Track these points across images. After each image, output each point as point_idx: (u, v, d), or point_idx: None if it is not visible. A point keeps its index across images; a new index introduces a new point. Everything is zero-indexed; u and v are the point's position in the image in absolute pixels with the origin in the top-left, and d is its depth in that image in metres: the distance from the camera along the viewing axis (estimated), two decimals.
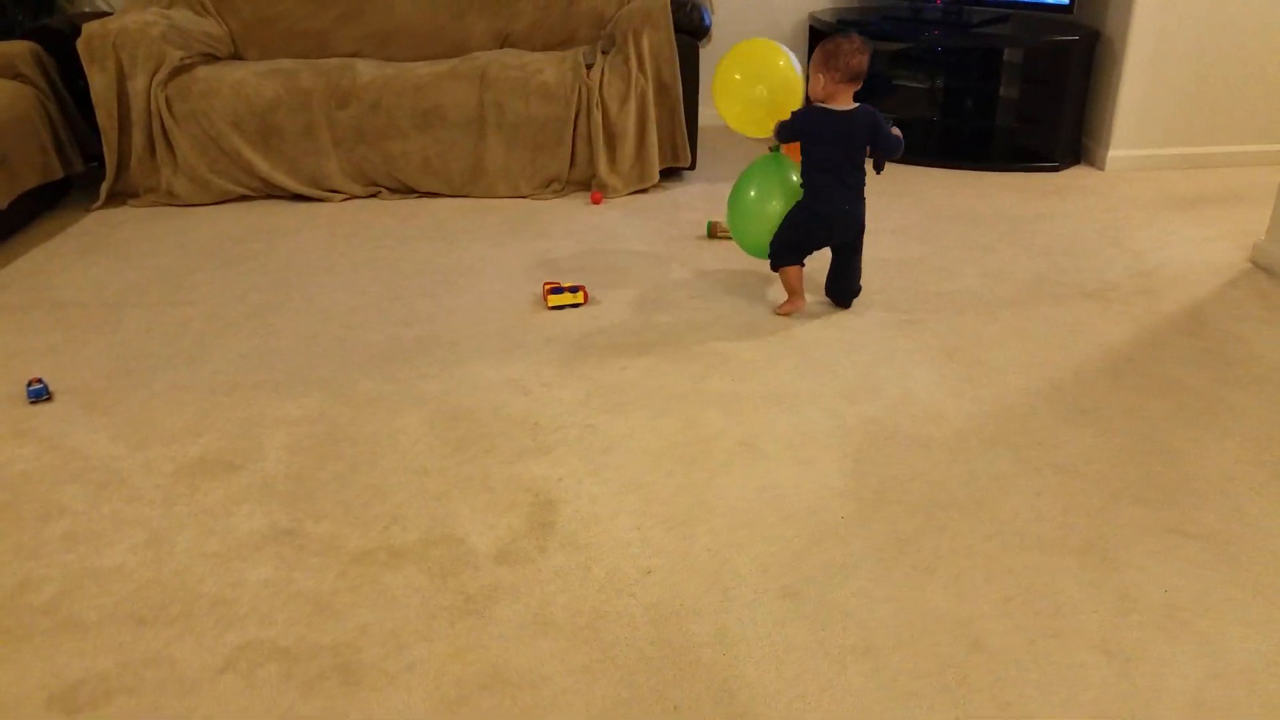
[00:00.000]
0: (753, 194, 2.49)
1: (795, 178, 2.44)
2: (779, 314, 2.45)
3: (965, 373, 2.15)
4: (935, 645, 1.41)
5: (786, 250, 2.43)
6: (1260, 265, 2.67)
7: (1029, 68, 3.56)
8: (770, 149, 2.51)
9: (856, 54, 2.27)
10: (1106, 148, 3.50)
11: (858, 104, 2.33)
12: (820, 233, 2.41)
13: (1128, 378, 2.11)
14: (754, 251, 2.54)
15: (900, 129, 2.42)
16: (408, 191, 3.39)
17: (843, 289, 2.48)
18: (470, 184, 3.35)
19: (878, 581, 1.54)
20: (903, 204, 3.23)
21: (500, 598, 1.53)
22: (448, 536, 1.67)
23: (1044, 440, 1.89)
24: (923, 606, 1.48)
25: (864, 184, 2.38)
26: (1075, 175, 3.49)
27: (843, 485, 1.78)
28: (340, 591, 1.55)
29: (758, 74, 2.44)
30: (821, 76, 2.30)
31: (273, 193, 3.37)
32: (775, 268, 2.47)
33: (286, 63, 3.38)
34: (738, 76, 2.45)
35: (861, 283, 2.49)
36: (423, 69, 3.30)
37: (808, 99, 2.41)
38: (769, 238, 2.45)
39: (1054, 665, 1.37)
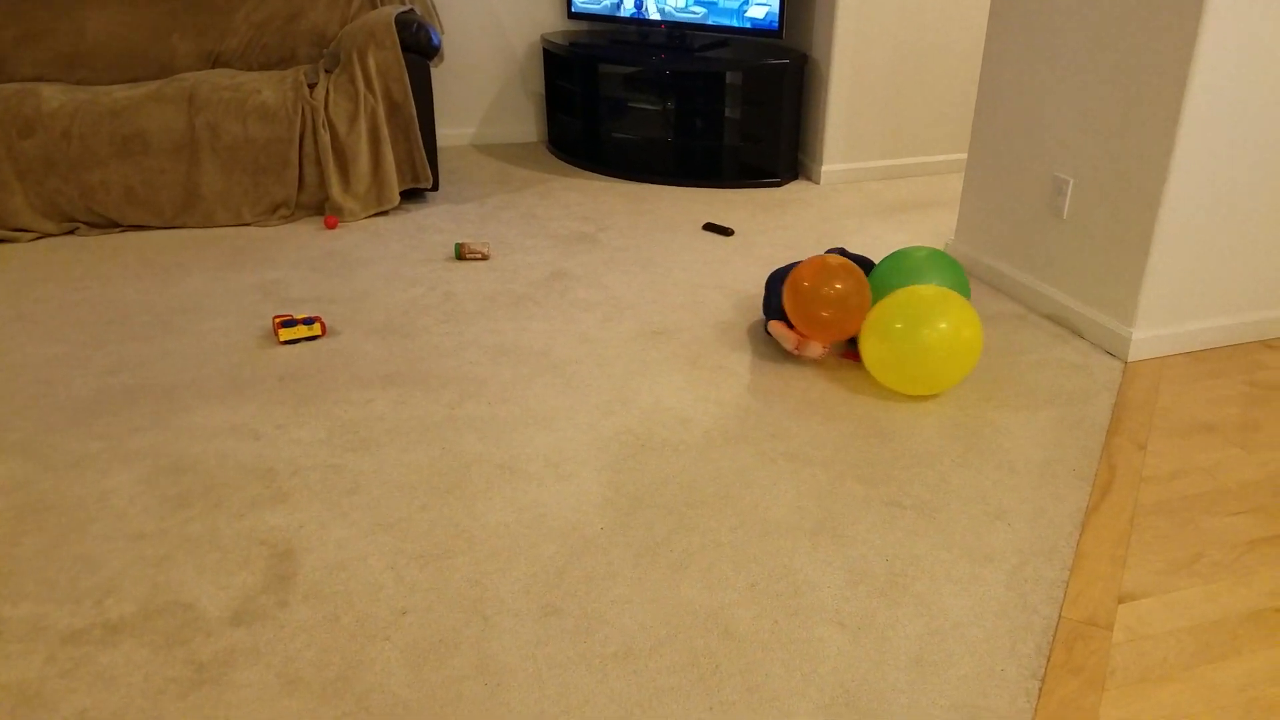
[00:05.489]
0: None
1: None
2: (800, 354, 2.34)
3: (708, 378, 2.25)
4: (690, 639, 1.46)
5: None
6: None
7: (748, 90, 3.83)
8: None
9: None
10: (820, 163, 3.83)
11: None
12: None
13: (845, 371, 2.30)
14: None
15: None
16: (110, 225, 3.07)
17: None
18: (184, 213, 3.08)
19: (636, 586, 1.57)
20: (644, 222, 3.35)
21: (237, 662, 1.40)
22: (172, 603, 1.51)
23: (778, 433, 2.02)
24: (678, 603, 1.53)
25: None
26: (795, 189, 3.78)
27: (601, 497, 1.80)
28: (49, 678, 1.36)
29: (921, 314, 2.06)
30: None
31: None
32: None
33: None
34: (899, 325, 2.06)
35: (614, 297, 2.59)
36: (120, 92, 3.01)
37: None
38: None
39: (795, 643, 1.46)
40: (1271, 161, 2.29)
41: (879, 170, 3.93)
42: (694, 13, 3.78)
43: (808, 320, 2.22)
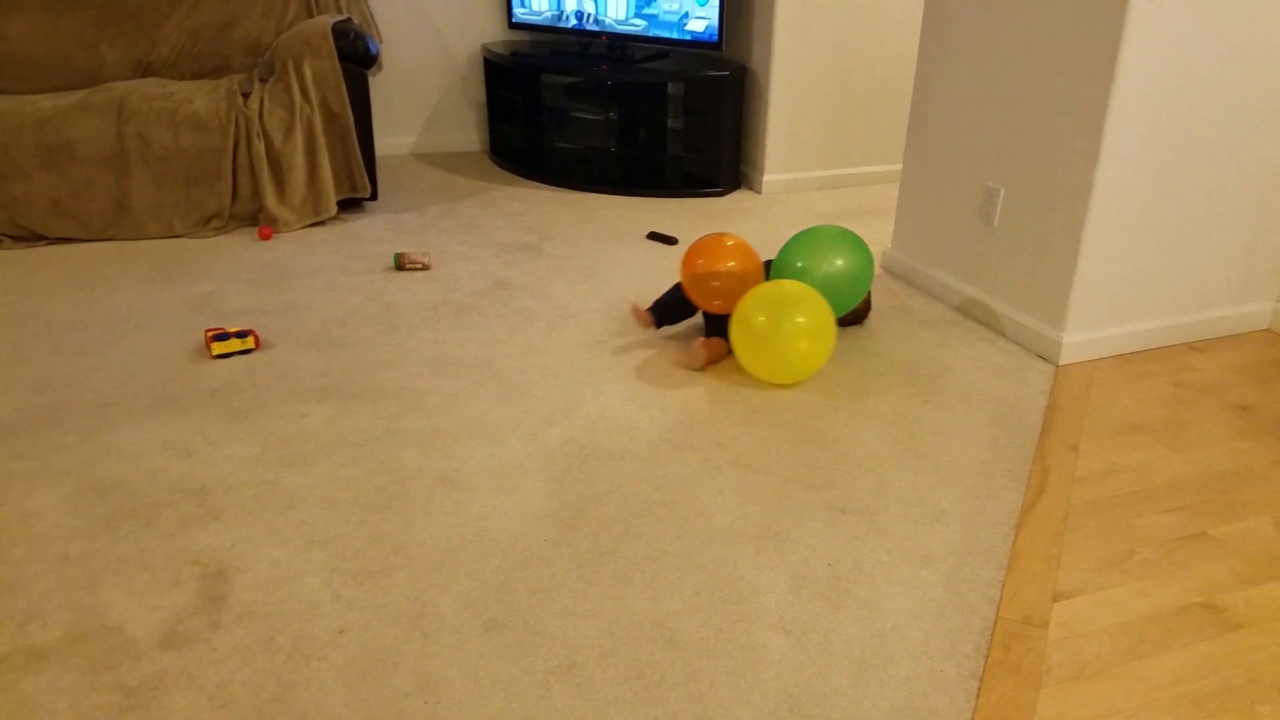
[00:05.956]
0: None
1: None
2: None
3: (653, 386, 2.25)
4: (635, 650, 1.45)
5: None
6: (888, 270, 3.07)
7: (690, 101, 3.86)
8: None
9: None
10: (761, 173, 3.87)
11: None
12: None
13: None
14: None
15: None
16: (35, 239, 2.97)
17: None
18: (113, 225, 3.00)
19: (580, 597, 1.55)
20: (588, 231, 3.34)
21: (169, 686, 1.35)
22: (100, 627, 1.46)
23: (723, 441, 2.03)
24: (622, 614, 1.52)
25: None
26: (738, 199, 3.82)
27: (545, 508, 1.78)
28: None
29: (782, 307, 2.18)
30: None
31: None
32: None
33: None
34: (761, 319, 2.19)
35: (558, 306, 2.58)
36: (46, 101, 2.91)
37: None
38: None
39: (739, 649, 1.46)
40: (1192, 170, 2.37)
41: (819, 180, 3.98)
42: (635, 25, 3.79)
43: (704, 293, 2.37)
